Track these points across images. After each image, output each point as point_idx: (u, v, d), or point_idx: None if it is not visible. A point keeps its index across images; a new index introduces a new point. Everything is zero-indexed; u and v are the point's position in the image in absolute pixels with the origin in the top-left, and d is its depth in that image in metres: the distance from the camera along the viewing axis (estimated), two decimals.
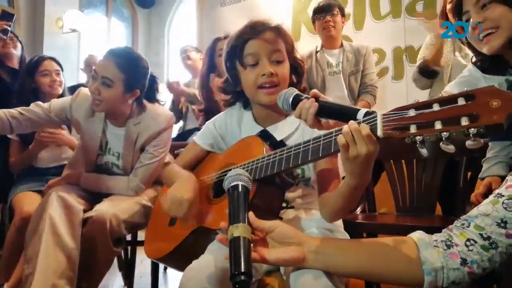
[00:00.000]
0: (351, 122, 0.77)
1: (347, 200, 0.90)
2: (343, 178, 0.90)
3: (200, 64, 3.29)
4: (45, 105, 1.73)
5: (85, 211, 1.57)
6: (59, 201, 1.51)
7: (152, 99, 1.73)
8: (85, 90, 1.73)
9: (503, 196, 0.73)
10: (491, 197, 0.76)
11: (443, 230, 0.78)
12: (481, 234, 0.72)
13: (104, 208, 1.55)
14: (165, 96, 3.02)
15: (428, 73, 2.27)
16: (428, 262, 0.72)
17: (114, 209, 1.55)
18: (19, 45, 2.58)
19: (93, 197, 1.68)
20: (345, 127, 0.77)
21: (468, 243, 0.72)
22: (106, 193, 1.70)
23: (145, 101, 1.69)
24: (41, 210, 1.50)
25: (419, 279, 0.73)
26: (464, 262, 0.71)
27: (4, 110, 1.66)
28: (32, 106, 1.72)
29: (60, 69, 2.27)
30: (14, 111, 1.66)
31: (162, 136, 1.68)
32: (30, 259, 1.43)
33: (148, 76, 1.67)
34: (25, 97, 2.08)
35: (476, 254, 0.71)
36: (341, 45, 2.69)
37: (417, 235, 0.78)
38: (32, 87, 2.18)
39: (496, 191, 0.76)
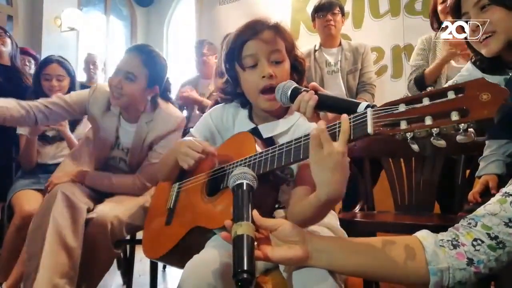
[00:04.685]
0: (343, 116, 0.76)
1: (315, 212, 0.86)
2: None
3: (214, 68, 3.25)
4: (67, 97, 1.73)
5: (88, 210, 1.57)
6: (64, 199, 1.50)
7: (167, 97, 1.75)
8: (101, 86, 1.72)
9: (511, 195, 0.73)
10: (498, 196, 0.75)
11: (449, 229, 0.77)
12: (488, 234, 0.71)
13: (105, 210, 1.55)
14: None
15: (424, 87, 2.20)
16: (434, 262, 0.72)
17: (116, 211, 1.55)
18: (8, 40, 2.53)
19: (97, 196, 1.69)
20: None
21: (475, 242, 0.71)
22: (110, 192, 1.71)
23: (159, 100, 1.71)
24: (45, 208, 1.49)
25: (424, 279, 0.72)
26: (470, 262, 0.70)
27: (29, 102, 1.66)
28: (55, 98, 1.72)
29: (65, 73, 2.28)
30: (39, 104, 1.66)
31: (171, 137, 1.68)
32: (31, 257, 1.43)
33: (166, 72, 1.70)
34: (37, 95, 2.09)
35: (483, 254, 0.70)
36: (340, 43, 2.68)
37: (423, 234, 0.77)
38: (40, 86, 2.22)
39: (503, 190, 0.75)
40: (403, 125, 0.66)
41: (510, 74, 1.17)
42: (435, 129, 0.62)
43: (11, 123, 1.64)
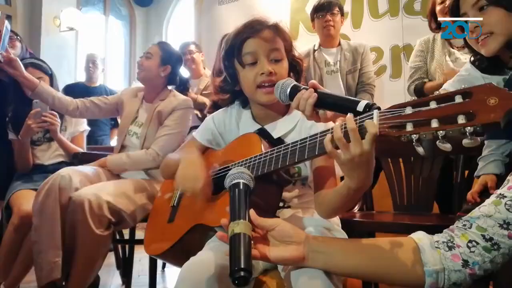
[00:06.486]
0: (348, 117, 0.76)
1: (345, 200, 0.89)
2: (342, 178, 0.89)
3: (201, 65, 3.31)
4: (104, 97, 2.15)
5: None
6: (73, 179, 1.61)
7: (184, 91, 2.15)
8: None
9: (506, 197, 0.72)
10: (492, 198, 0.75)
11: (444, 231, 0.77)
12: (483, 235, 0.71)
13: (84, 190, 1.57)
14: None
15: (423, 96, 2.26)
16: (429, 264, 0.72)
17: (96, 190, 1.58)
18: (18, 44, 2.49)
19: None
20: (337, 133, 0.76)
21: (470, 244, 0.71)
22: (129, 169, 1.90)
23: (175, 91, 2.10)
24: (52, 185, 1.58)
25: (420, 280, 0.72)
26: (465, 263, 0.70)
27: (71, 98, 2.06)
28: (95, 98, 2.11)
29: (41, 74, 2.15)
30: (82, 99, 2.06)
31: (179, 112, 1.96)
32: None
33: (179, 61, 2.16)
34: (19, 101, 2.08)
35: (478, 255, 0.70)
36: (339, 43, 2.68)
37: (418, 236, 0.77)
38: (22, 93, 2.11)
39: (498, 192, 0.75)
40: (409, 127, 0.66)
41: (510, 74, 1.18)
42: (441, 132, 0.62)
43: (59, 106, 1.98)
